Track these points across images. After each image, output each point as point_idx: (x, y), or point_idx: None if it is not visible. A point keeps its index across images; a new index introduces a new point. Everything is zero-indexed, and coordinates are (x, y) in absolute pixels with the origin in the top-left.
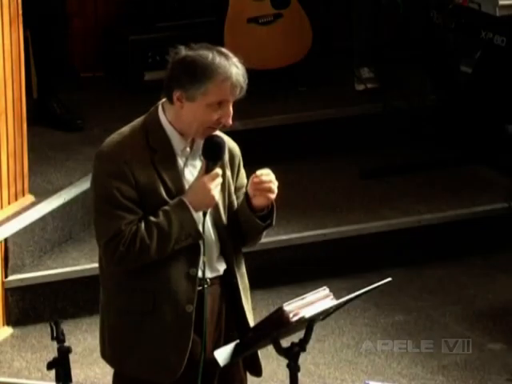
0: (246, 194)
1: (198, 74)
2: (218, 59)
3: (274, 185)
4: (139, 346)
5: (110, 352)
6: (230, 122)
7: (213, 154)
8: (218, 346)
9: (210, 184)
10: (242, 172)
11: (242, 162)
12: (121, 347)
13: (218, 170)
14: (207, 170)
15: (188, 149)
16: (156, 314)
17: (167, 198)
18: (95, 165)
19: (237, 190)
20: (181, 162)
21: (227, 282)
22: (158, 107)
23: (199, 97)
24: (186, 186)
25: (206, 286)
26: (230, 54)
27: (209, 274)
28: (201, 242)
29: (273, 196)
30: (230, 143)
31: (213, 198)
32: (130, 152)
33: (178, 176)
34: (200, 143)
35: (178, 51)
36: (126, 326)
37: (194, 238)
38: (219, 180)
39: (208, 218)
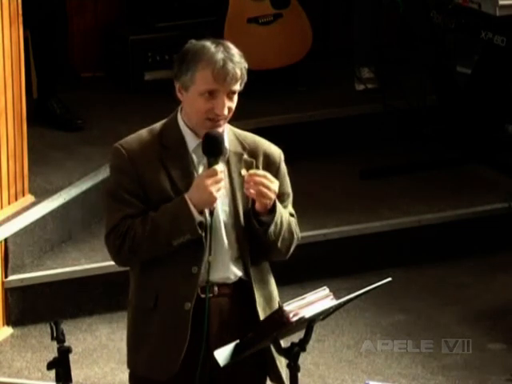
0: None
1: (186, 61)
2: (209, 47)
3: (267, 189)
4: (144, 344)
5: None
6: (225, 112)
7: (211, 149)
8: None
9: (207, 180)
10: (282, 179)
11: (282, 169)
12: (131, 344)
13: (218, 167)
14: (209, 166)
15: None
16: (157, 311)
17: (173, 195)
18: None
19: (278, 196)
20: (195, 159)
21: (245, 292)
22: (180, 106)
23: (190, 86)
24: None
25: (208, 286)
26: (230, 46)
27: (215, 276)
28: (204, 241)
29: (265, 200)
30: (271, 148)
31: (210, 194)
32: (138, 148)
33: (188, 174)
34: None
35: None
36: (135, 323)
37: (191, 235)
38: (220, 177)
39: (225, 218)
